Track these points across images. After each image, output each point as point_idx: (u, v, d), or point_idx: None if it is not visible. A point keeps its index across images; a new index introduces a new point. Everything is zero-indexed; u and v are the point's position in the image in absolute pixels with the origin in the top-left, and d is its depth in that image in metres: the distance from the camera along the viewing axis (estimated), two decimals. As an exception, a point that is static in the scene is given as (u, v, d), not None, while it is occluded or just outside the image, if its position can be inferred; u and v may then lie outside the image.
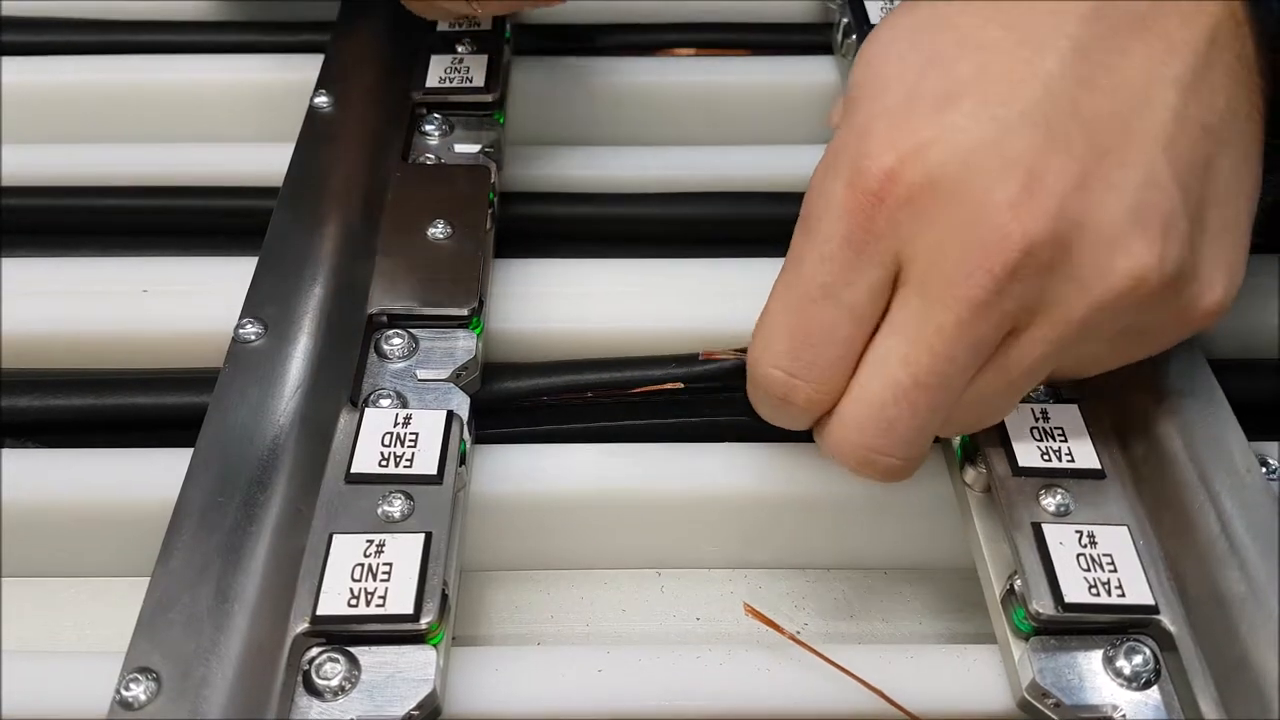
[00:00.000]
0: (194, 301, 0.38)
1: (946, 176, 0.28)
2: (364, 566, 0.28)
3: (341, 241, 0.38)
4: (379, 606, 0.28)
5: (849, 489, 0.34)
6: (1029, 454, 0.32)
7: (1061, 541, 0.30)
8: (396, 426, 0.32)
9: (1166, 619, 0.29)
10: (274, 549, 0.29)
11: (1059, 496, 0.31)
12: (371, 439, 0.32)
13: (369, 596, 0.28)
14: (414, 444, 0.31)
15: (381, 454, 0.31)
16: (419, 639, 0.28)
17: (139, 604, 0.28)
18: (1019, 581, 0.30)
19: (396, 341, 0.35)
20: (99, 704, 0.26)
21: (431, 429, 0.32)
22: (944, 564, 0.36)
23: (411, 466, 0.31)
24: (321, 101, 0.43)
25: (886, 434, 0.29)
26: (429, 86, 0.44)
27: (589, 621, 0.35)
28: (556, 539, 0.36)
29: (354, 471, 0.31)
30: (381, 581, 0.28)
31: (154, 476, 0.33)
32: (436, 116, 0.43)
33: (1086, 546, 0.30)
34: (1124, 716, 0.28)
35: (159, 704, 0.26)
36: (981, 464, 0.32)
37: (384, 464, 0.31)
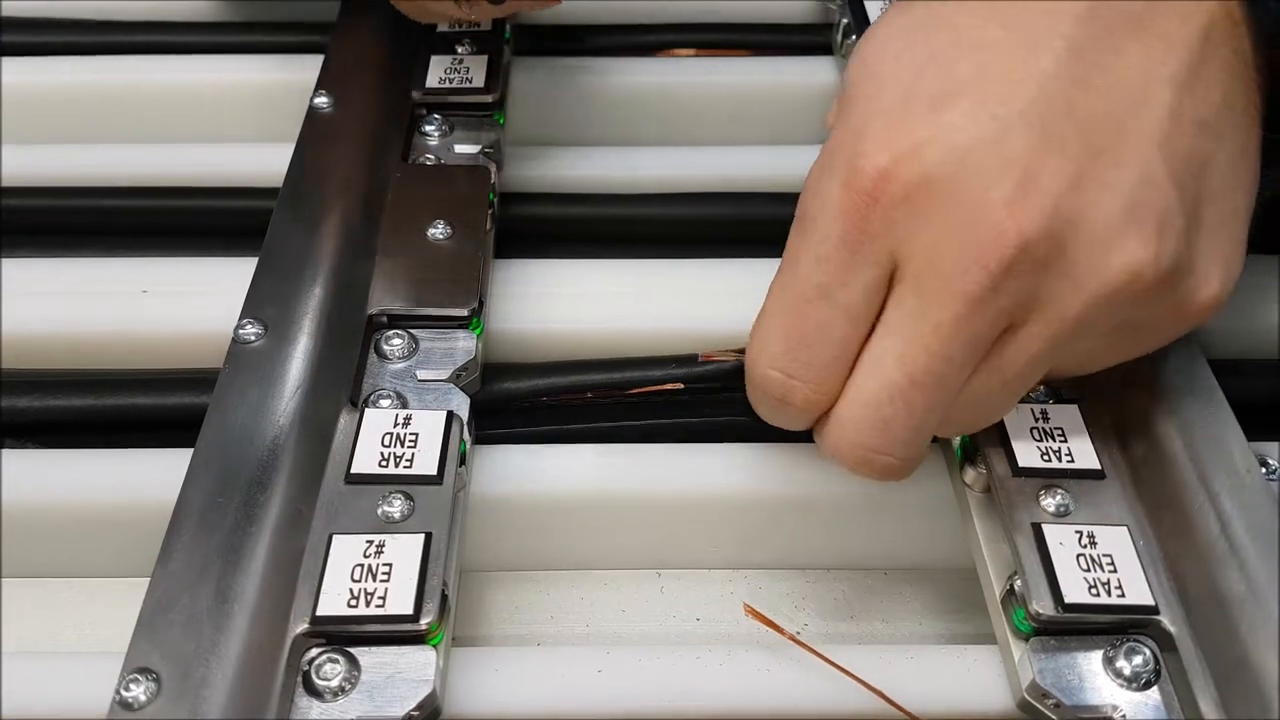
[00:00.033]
0: (194, 302, 0.38)
1: (942, 176, 0.28)
2: (364, 567, 0.28)
3: (341, 242, 0.38)
4: (379, 607, 0.28)
5: (849, 489, 0.34)
6: (1029, 454, 0.32)
7: (1061, 542, 0.30)
8: (396, 427, 0.32)
9: (1166, 619, 0.29)
10: (274, 549, 0.29)
11: (1059, 497, 0.31)
12: (371, 439, 0.32)
13: (369, 597, 0.28)
14: (414, 444, 0.31)
15: (381, 454, 0.31)
16: (419, 639, 0.28)
17: (139, 605, 0.28)
18: (1019, 582, 0.30)
19: (396, 342, 0.35)
20: (99, 704, 0.26)
21: (431, 429, 0.32)
22: (944, 564, 0.36)
23: (411, 467, 0.31)
24: (321, 102, 0.43)
25: (883, 434, 0.29)
26: (429, 87, 0.44)
27: (589, 622, 0.35)
28: (556, 539, 0.36)
29: (354, 472, 0.31)
30: (381, 582, 0.28)
31: (154, 477, 0.33)
32: (436, 117, 0.43)
33: (1086, 547, 0.30)
34: (1124, 717, 0.28)
35: (159, 704, 0.26)
36: (981, 464, 0.32)
37: (384, 464, 0.31)
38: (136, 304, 0.38)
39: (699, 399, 0.37)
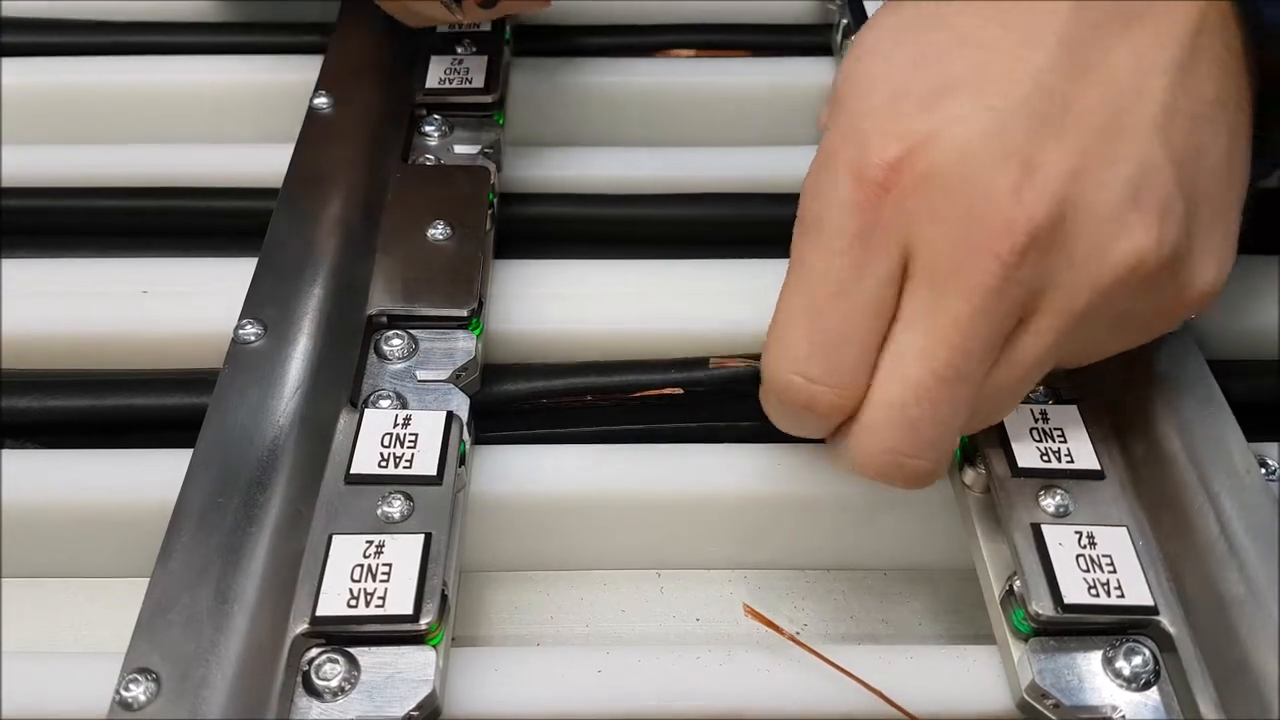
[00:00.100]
0: (194, 302, 0.38)
1: (947, 167, 0.28)
2: (363, 567, 0.28)
3: (341, 242, 0.38)
4: (378, 607, 0.28)
5: (849, 489, 0.34)
6: (1028, 454, 0.32)
7: (1061, 542, 0.30)
8: (396, 427, 0.32)
9: (1166, 620, 0.29)
10: (273, 550, 0.29)
11: (1058, 497, 0.31)
12: (371, 440, 0.32)
13: (368, 597, 0.28)
14: (414, 445, 0.31)
15: (381, 455, 0.31)
16: (419, 640, 0.28)
17: (138, 605, 0.28)
18: (1018, 582, 0.30)
19: (396, 342, 0.35)
20: (99, 705, 0.26)
21: (431, 430, 0.32)
22: (943, 565, 0.36)
23: (411, 467, 0.31)
24: (321, 102, 0.43)
25: (912, 435, 0.29)
26: (429, 87, 0.44)
27: (588, 622, 0.35)
28: (556, 540, 0.36)
29: (353, 472, 0.31)
30: (381, 582, 0.28)
31: (154, 477, 0.33)
32: (436, 117, 0.43)
33: (1086, 547, 0.30)
34: (1123, 717, 0.28)
35: (158, 705, 0.26)
36: (981, 465, 0.32)
37: (383, 465, 0.31)
38: (136, 304, 0.38)
39: (701, 403, 0.37)
